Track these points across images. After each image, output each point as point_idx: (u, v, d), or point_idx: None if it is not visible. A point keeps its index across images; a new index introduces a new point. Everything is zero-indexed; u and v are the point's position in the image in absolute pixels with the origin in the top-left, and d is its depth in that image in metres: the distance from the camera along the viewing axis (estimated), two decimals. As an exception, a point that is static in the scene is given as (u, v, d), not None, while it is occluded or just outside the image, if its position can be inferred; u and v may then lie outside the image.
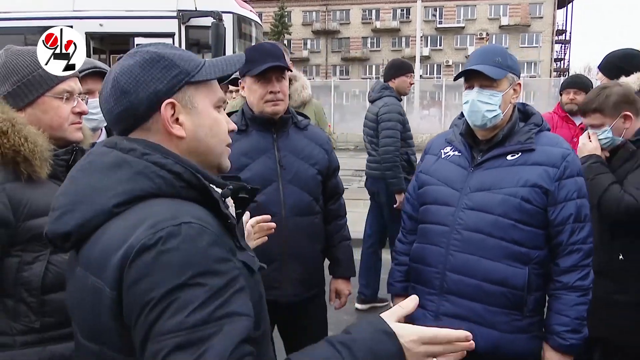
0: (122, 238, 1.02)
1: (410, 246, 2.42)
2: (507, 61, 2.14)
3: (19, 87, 1.69)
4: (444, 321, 2.16)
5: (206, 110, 1.20)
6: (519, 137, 2.16)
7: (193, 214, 1.04)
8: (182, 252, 0.98)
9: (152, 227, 1.00)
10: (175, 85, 1.15)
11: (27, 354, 1.63)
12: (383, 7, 55.67)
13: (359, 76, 53.45)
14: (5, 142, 1.59)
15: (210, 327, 0.96)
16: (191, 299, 0.96)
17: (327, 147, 2.60)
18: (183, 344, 0.94)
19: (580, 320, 2.05)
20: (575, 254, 2.06)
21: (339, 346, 1.05)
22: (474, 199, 2.13)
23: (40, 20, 8.50)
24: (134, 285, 0.98)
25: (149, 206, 1.06)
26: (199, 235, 1.01)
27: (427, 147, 2.48)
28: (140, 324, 0.97)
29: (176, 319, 0.95)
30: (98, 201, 1.07)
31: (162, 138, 1.16)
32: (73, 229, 1.09)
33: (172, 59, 1.16)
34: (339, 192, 2.71)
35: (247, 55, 2.38)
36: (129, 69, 1.15)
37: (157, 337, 0.95)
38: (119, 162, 1.10)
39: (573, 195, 2.06)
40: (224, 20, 8.73)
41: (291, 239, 2.40)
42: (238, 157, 2.38)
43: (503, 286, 2.06)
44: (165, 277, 0.96)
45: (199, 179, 1.11)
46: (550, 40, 52.39)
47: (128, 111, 1.14)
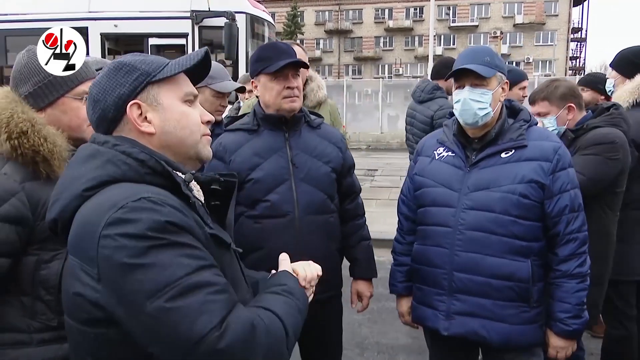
0: (89, 218, 1.13)
1: (408, 247, 2.46)
2: (495, 60, 2.19)
3: (39, 87, 1.71)
4: (456, 320, 2.21)
5: (172, 106, 1.30)
6: (511, 134, 2.21)
7: (152, 191, 1.15)
8: (146, 219, 1.08)
9: (114, 206, 1.10)
10: (137, 86, 1.26)
11: (44, 352, 1.65)
12: (396, 6, 55.49)
13: (372, 75, 53.37)
14: (25, 142, 1.61)
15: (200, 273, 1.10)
16: (172, 254, 1.08)
17: (341, 145, 2.57)
18: (183, 290, 1.06)
19: (581, 305, 2.13)
20: (572, 242, 2.13)
21: (285, 293, 1.32)
22: (473, 198, 2.17)
23: (57, 22, 8.58)
24: (109, 258, 1.07)
25: (113, 189, 1.16)
26: (160, 205, 1.12)
27: (418, 148, 2.51)
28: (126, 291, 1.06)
29: (166, 273, 1.06)
30: (73, 188, 1.20)
31: (135, 136, 1.27)
32: (57, 215, 1.21)
33: (133, 64, 1.28)
34: (356, 191, 2.67)
35: (260, 53, 2.40)
36: (98, 80, 1.29)
37: (156, 294, 1.05)
38: (93, 153, 1.23)
39: (567, 186, 2.12)
40: (236, 20, 8.79)
41: (305, 238, 2.37)
42: (250, 157, 2.39)
43: (509, 280, 2.12)
44: (136, 243, 1.06)
45: (163, 165, 1.22)
46: (566, 39, 51.86)
47: (101, 117, 1.28)
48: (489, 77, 2.15)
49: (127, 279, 1.06)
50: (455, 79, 2.24)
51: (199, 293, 1.07)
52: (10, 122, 1.61)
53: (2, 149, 1.62)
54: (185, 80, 1.34)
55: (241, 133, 2.48)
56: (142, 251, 1.06)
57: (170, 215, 1.11)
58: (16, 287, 1.64)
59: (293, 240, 2.34)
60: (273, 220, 2.36)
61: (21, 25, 8.74)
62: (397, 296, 2.57)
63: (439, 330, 2.27)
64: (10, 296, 1.64)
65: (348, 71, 56.42)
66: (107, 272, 1.08)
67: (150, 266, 1.06)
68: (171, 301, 1.05)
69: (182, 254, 1.09)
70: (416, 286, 2.41)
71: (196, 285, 1.08)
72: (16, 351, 1.63)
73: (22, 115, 1.63)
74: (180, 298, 1.05)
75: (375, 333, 4.45)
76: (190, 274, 1.08)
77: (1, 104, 1.65)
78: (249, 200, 2.39)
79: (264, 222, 2.37)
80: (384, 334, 4.44)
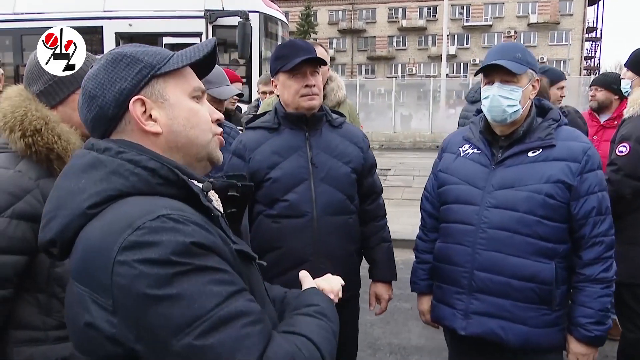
0: (100, 242, 0.98)
1: (431, 244, 2.43)
2: (527, 57, 2.14)
3: (50, 85, 1.71)
4: (474, 319, 2.18)
5: (180, 102, 1.15)
6: (539, 133, 2.16)
7: (170, 206, 1.00)
8: (167, 243, 0.94)
9: (130, 227, 0.95)
10: (140, 80, 1.11)
11: (60, 349, 1.65)
12: (409, 6, 55.28)
13: (385, 75, 53.21)
14: (39, 140, 1.61)
15: (231, 302, 0.96)
16: (199, 282, 0.94)
17: (362, 145, 2.52)
18: (215, 324, 0.93)
19: (604, 312, 2.07)
20: (598, 246, 2.07)
21: (319, 315, 1.18)
22: (497, 197, 2.13)
23: (72, 21, 8.68)
24: (127, 288, 0.93)
25: (123, 205, 1.01)
26: (182, 224, 0.97)
27: (443, 145, 2.47)
28: (150, 326, 0.93)
29: (195, 306, 0.92)
30: (74, 204, 1.04)
31: (138, 137, 1.12)
32: (55, 236, 1.06)
33: (135, 55, 1.13)
34: (376, 191, 2.63)
35: (278, 52, 2.39)
36: (94, 74, 1.13)
37: (184, 330, 0.92)
38: (94, 163, 1.06)
39: (595, 188, 2.07)
40: (250, 19, 8.81)
41: (323, 238, 2.35)
42: (270, 156, 2.37)
43: (532, 282, 2.08)
44: (158, 271, 0.92)
45: (177, 174, 1.07)
46: (581, 38, 51.33)
47: (99, 115, 1.11)
48: (519, 74, 2.09)
49: (150, 312, 0.92)
50: (485, 75, 2.19)
51: (233, 326, 0.94)
52: (24, 119, 1.61)
53: (16, 146, 1.62)
54: (192, 74, 1.20)
55: (261, 131, 2.46)
56: (166, 280, 0.92)
57: (194, 234, 0.97)
58: (32, 285, 1.64)
59: (311, 241, 2.34)
60: (291, 220, 2.35)
61: (37, 25, 8.82)
62: (418, 294, 2.55)
63: (456, 330, 2.24)
64: (27, 294, 1.64)
65: (361, 71, 56.31)
66: (124, 304, 0.93)
67: (176, 298, 0.92)
68: (202, 338, 0.92)
69: (210, 280, 0.95)
70: (436, 284, 2.39)
71: (229, 317, 0.94)
72: (32, 349, 1.63)
73: (36, 113, 1.63)
74: (212, 334, 0.92)
75: (388, 333, 4.45)
76: (221, 304, 0.94)
77: (15, 101, 1.66)
78: (267, 199, 2.38)
79: (282, 222, 2.36)
80: (397, 334, 4.43)
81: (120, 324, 0.94)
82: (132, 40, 9.76)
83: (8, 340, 1.62)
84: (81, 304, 1.00)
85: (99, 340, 0.97)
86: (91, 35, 9.50)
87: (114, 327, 0.95)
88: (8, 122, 1.62)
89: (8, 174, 1.61)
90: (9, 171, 1.61)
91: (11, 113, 1.62)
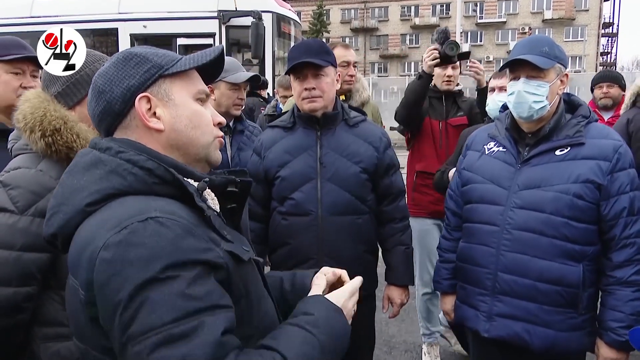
0: (90, 237, 1.02)
1: (455, 243, 2.39)
2: (555, 51, 2.06)
3: (67, 86, 1.74)
4: (497, 321, 2.13)
5: (184, 102, 1.20)
6: (567, 130, 2.08)
7: (162, 209, 1.03)
8: (149, 246, 0.97)
9: (118, 225, 0.99)
10: (148, 79, 1.16)
11: None
12: (422, 3, 54.99)
13: (398, 73, 52.98)
14: (58, 139, 1.65)
15: (189, 320, 0.95)
16: (166, 293, 0.95)
17: (378, 145, 2.47)
18: (165, 340, 0.93)
19: (636, 316, 1.99)
20: (629, 247, 1.99)
21: (308, 327, 1.14)
22: (523, 197, 2.07)
23: (87, 23, 8.79)
24: (104, 285, 0.97)
25: (118, 204, 1.05)
26: (167, 228, 1.00)
27: (468, 142, 2.41)
28: (116, 325, 0.96)
29: (153, 316, 0.94)
30: (75, 201, 1.09)
31: (141, 133, 1.17)
32: (57, 230, 1.11)
33: (145, 55, 1.18)
34: (393, 192, 2.55)
35: (289, 53, 2.42)
36: (105, 71, 1.19)
37: (138, 337, 0.94)
38: (95, 162, 1.11)
39: (626, 188, 1.99)
40: (263, 19, 8.83)
41: (327, 238, 2.36)
42: (281, 154, 2.42)
43: (558, 285, 2.02)
44: (133, 273, 0.95)
45: (173, 174, 1.10)
46: (596, 34, 50.70)
47: (106, 110, 1.17)
48: (546, 69, 2.02)
49: (117, 312, 0.96)
50: (510, 70, 2.12)
51: (182, 346, 0.94)
52: (43, 120, 1.65)
53: (37, 146, 1.66)
54: (198, 78, 1.26)
55: (278, 130, 2.51)
56: (137, 284, 0.95)
57: (177, 243, 0.99)
58: (56, 282, 1.67)
59: (315, 240, 2.36)
60: (297, 218, 2.39)
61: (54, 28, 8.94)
62: (441, 294, 2.51)
63: (479, 332, 2.20)
64: (51, 291, 1.67)
65: (374, 69, 56.15)
66: (100, 300, 0.98)
67: (142, 303, 0.94)
68: (150, 350, 0.93)
69: (178, 293, 0.96)
70: (460, 285, 2.35)
71: (181, 335, 0.94)
72: (58, 344, 1.66)
73: (55, 114, 1.67)
74: (161, 348, 0.93)
75: (403, 332, 4.45)
76: (178, 321, 0.94)
77: (34, 103, 1.69)
78: (278, 197, 2.43)
79: (290, 219, 2.41)
80: (411, 332, 4.43)
81: (100, 314, 1.00)
82: (147, 41, 9.86)
83: (34, 336, 1.65)
84: (75, 296, 1.06)
85: (92, 330, 1.04)
86: (107, 37, 9.61)
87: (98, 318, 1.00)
88: (28, 123, 1.65)
89: (30, 173, 1.64)
90: (30, 170, 1.65)
91: (31, 114, 1.66)
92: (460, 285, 2.35)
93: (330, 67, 2.38)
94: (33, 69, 2.34)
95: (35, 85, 2.30)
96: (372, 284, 2.57)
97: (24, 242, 1.59)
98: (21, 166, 1.67)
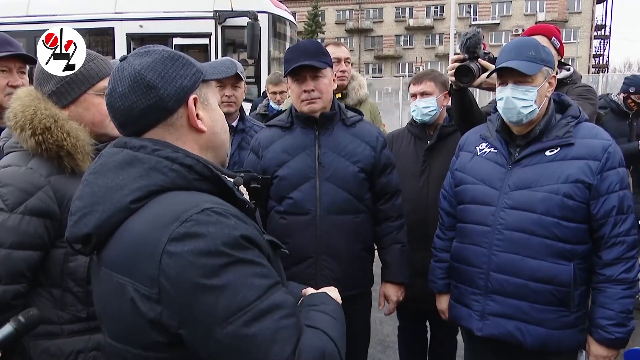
0: (147, 234, 1.03)
1: (449, 242, 2.40)
2: (541, 54, 2.06)
3: (62, 85, 1.73)
4: (490, 320, 2.15)
5: (216, 107, 1.27)
6: (557, 131, 2.10)
7: (212, 200, 1.08)
8: (215, 234, 1.00)
9: (177, 219, 1.01)
10: (196, 81, 1.20)
11: (74, 343, 1.69)
12: (416, 5, 55.04)
13: (392, 74, 53.02)
14: (48, 137, 1.64)
15: (269, 295, 1.02)
16: (243, 274, 1.01)
17: (375, 144, 2.49)
18: (256, 316, 0.99)
19: (626, 313, 2.01)
20: (619, 246, 2.01)
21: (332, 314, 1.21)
22: (514, 197, 2.09)
23: (83, 23, 8.77)
24: (177, 279, 0.98)
25: (167, 199, 1.07)
26: (224, 217, 1.04)
27: (460, 143, 2.43)
28: (197, 314, 0.99)
29: (239, 297, 0.99)
30: (114, 199, 1.08)
31: (184, 132, 1.19)
32: (93, 230, 1.10)
33: (187, 58, 1.23)
34: (390, 191, 2.57)
35: (286, 54, 2.44)
36: (151, 66, 1.16)
37: (228, 319, 0.98)
38: (130, 160, 1.11)
39: (615, 187, 2.01)
40: (259, 19, 8.83)
41: (326, 236, 2.38)
42: (279, 154, 2.43)
43: (549, 284, 2.04)
44: (207, 261, 0.98)
45: (211, 169, 1.14)
46: (589, 36, 50.90)
47: (156, 105, 1.15)
48: (533, 74, 2.03)
49: (197, 300, 0.98)
50: (498, 75, 2.12)
51: (271, 318, 1.00)
52: (34, 118, 1.64)
53: (27, 145, 1.66)
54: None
55: (275, 129, 2.53)
56: (213, 270, 0.98)
57: (238, 228, 1.04)
58: (46, 280, 1.68)
59: (314, 239, 2.38)
60: (296, 217, 2.40)
61: (50, 27, 8.92)
62: (436, 293, 2.52)
63: (472, 331, 2.22)
64: (41, 288, 1.68)
65: (368, 70, 56.13)
66: (171, 293, 0.99)
67: (222, 288, 0.98)
68: (244, 327, 0.98)
69: (252, 273, 1.02)
70: (453, 284, 2.37)
71: (268, 309, 1.01)
72: (47, 342, 1.67)
73: (45, 112, 1.66)
74: (253, 324, 0.99)
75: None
76: (262, 297, 1.01)
77: (25, 101, 1.69)
78: (276, 196, 2.44)
79: (289, 219, 2.42)
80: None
81: (165, 311, 1.00)
82: (143, 41, 9.85)
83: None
84: (122, 293, 1.05)
85: (142, 327, 1.03)
86: (103, 37, 9.59)
87: (159, 314, 1.01)
88: (19, 122, 1.65)
89: (20, 171, 1.64)
90: (20, 169, 1.64)
91: (21, 113, 1.66)
92: (453, 284, 2.37)
93: (327, 68, 2.41)
94: (20, 66, 2.33)
95: (22, 83, 2.28)
96: (366, 282, 2.59)
97: (13, 240, 1.58)
98: (11, 164, 1.67)
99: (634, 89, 4.94)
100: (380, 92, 27.21)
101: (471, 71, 2.51)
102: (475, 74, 2.51)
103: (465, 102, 2.68)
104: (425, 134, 3.01)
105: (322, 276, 2.39)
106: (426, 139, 3.00)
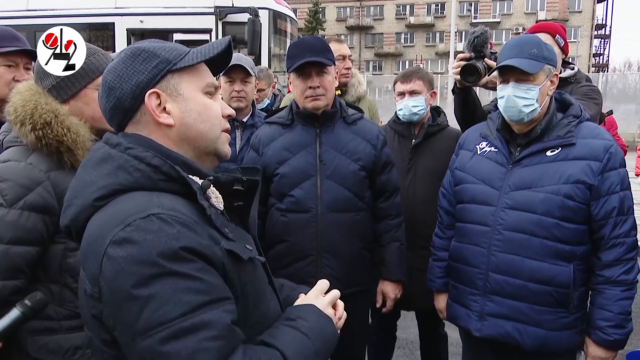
0: (98, 233, 1.05)
1: (448, 241, 2.39)
2: (543, 52, 2.04)
3: (62, 80, 1.72)
4: (488, 321, 2.14)
5: (193, 96, 1.20)
6: (558, 131, 2.08)
7: (164, 205, 1.05)
8: (151, 243, 0.99)
9: (122, 222, 1.01)
10: (156, 74, 1.16)
11: (73, 338, 1.70)
12: (417, 3, 54.95)
13: (392, 72, 52.93)
14: (49, 132, 1.64)
15: (198, 314, 0.98)
16: (172, 288, 0.98)
17: (375, 142, 2.49)
18: (175, 334, 0.96)
19: (625, 315, 2.00)
20: (619, 247, 2.00)
21: (304, 330, 1.16)
22: (514, 197, 2.08)
23: (84, 17, 8.76)
24: (111, 281, 0.99)
25: (126, 200, 1.07)
26: (169, 224, 1.01)
27: (460, 141, 2.41)
28: (124, 320, 0.99)
29: (162, 311, 0.96)
30: (85, 195, 1.11)
31: (152, 128, 1.17)
32: (69, 222, 1.14)
33: (152, 50, 1.18)
34: (389, 189, 2.57)
35: (289, 51, 2.44)
36: (113, 67, 1.18)
37: (148, 332, 0.96)
38: (105, 157, 1.13)
39: (616, 188, 1.99)
40: (260, 16, 8.83)
41: (326, 234, 2.38)
42: (280, 151, 2.43)
43: (549, 285, 2.03)
44: (138, 269, 0.97)
45: (178, 171, 1.11)
46: (589, 35, 50.85)
47: (116, 106, 1.17)
48: (534, 73, 2.01)
49: (124, 308, 0.98)
50: (500, 73, 2.10)
51: (193, 338, 0.97)
52: (34, 113, 1.64)
53: (27, 140, 1.65)
54: (206, 71, 1.25)
55: (276, 126, 2.52)
56: (143, 280, 0.97)
57: (181, 238, 1.01)
58: (45, 275, 1.68)
59: (315, 237, 2.38)
60: (297, 215, 2.40)
61: (50, 21, 8.89)
62: (435, 292, 2.51)
63: (470, 331, 2.21)
64: (39, 284, 1.68)
65: (369, 67, 56.06)
66: (106, 294, 1.01)
67: (148, 299, 0.97)
68: (159, 344, 0.96)
69: (184, 287, 0.98)
70: (452, 284, 2.36)
71: (191, 328, 0.97)
72: (46, 338, 1.68)
73: (46, 107, 1.66)
74: (169, 342, 0.96)
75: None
76: (187, 315, 0.97)
77: (25, 96, 1.68)
78: (277, 194, 2.44)
79: (289, 216, 2.41)
80: (404, 329, 4.44)
81: (104, 310, 1.03)
82: (143, 36, 9.83)
83: (22, 329, 1.64)
84: (82, 285, 1.10)
85: (93, 323, 1.08)
86: (103, 32, 9.57)
87: (99, 312, 1.04)
88: (19, 116, 1.65)
89: (19, 166, 1.64)
90: (20, 164, 1.64)
91: (22, 107, 1.65)
92: (452, 284, 2.36)
93: (332, 65, 2.41)
94: (26, 61, 2.32)
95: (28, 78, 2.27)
96: (366, 280, 2.59)
97: (12, 235, 1.59)
98: (11, 159, 1.67)
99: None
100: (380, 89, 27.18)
101: (477, 70, 2.49)
102: (481, 73, 2.50)
103: (469, 102, 2.68)
104: (410, 132, 2.98)
105: (322, 274, 2.37)
106: (411, 137, 2.97)
